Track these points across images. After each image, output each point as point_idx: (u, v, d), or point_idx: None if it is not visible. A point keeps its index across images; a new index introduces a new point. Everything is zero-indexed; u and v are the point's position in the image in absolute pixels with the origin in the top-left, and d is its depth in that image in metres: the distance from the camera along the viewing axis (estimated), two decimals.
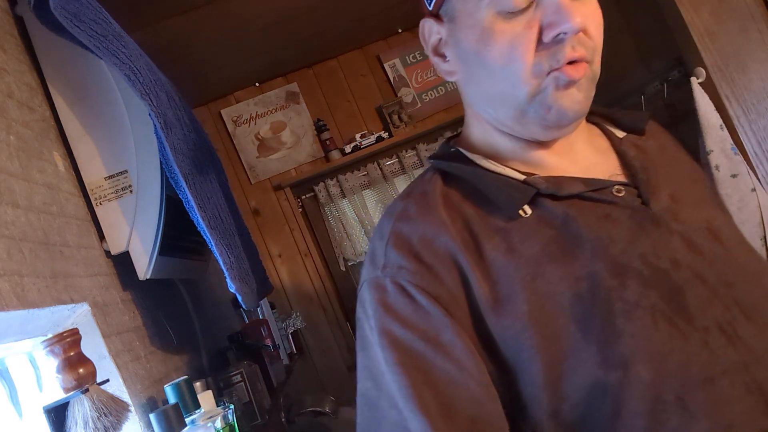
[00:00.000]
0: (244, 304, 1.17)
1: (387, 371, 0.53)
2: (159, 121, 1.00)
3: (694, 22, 1.75)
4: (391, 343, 0.53)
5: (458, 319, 0.53)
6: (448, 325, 0.53)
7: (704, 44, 1.75)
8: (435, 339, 0.53)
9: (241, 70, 2.47)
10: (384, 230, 0.60)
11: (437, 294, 0.54)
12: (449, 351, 0.52)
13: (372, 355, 0.55)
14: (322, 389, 2.58)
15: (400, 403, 0.51)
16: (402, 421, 0.51)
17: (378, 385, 0.54)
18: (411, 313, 0.54)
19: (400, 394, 0.51)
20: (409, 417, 0.50)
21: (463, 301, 0.54)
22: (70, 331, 0.79)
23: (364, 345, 0.57)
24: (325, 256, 2.71)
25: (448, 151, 0.68)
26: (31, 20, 1.03)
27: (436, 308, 0.53)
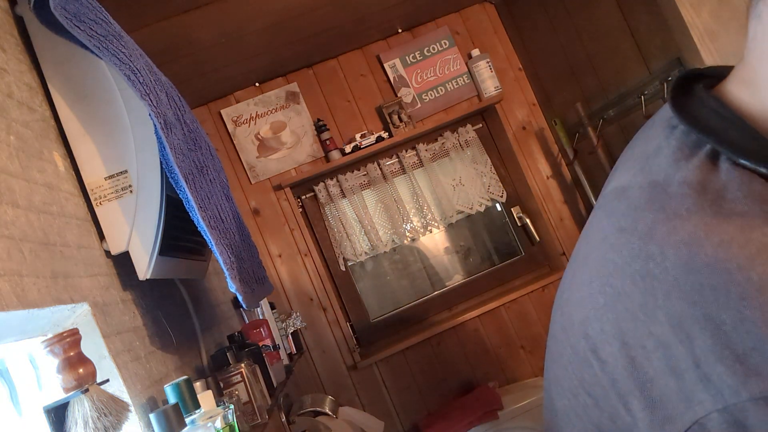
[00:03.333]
0: (244, 304, 1.17)
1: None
2: (159, 121, 1.00)
3: (694, 22, 1.75)
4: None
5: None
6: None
7: (704, 44, 1.75)
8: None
9: (241, 70, 2.47)
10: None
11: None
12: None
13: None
14: (322, 389, 2.58)
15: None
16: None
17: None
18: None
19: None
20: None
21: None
22: (70, 331, 0.79)
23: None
24: (325, 256, 2.71)
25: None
26: (31, 20, 1.03)
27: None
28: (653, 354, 0.49)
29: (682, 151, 0.54)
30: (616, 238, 0.54)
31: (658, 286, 0.49)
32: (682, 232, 0.49)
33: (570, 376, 0.60)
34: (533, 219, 2.80)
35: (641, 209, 0.54)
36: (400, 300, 2.79)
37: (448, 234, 2.88)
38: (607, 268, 0.54)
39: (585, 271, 0.59)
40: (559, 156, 2.77)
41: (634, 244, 0.52)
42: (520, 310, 2.71)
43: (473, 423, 2.26)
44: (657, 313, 0.48)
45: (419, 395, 2.62)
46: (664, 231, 0.50)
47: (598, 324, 0.54)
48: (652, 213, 0.52)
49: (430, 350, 2.64)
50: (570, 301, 0.61)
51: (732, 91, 0.55)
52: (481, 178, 2.78)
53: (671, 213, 0.51)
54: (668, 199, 0.52)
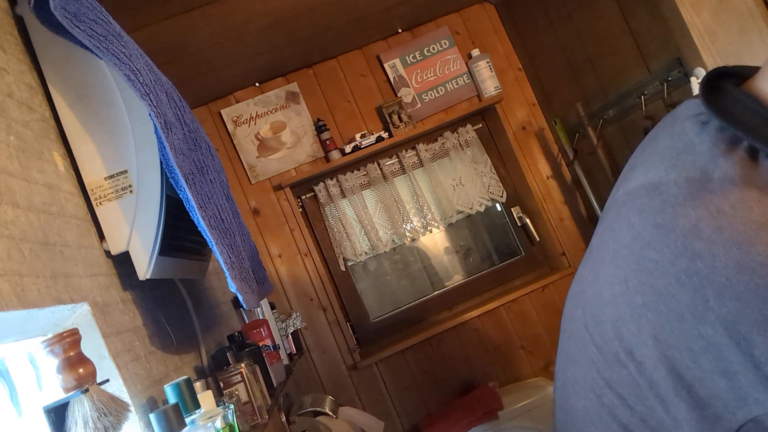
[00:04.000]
0: (245, 304, 1.17)
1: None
2: (159, 121, 1.00)
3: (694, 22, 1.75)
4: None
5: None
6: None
7: (704, 44, 1.75)
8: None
9: (241, 70, 2.47)
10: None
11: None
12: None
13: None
14: (322, 389, 2.58)
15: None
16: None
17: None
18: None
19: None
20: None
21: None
22: (70, 331, 0.79)
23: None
24: (325, 256, 2.71)
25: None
26: (31, 20, 1.03)
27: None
28: (702, 356, 0.47)
29: (718, 146, 0.53)
30: (653, 235, 0.52)
31: (709, 286, 0.47)
32: (730, 230, 0.47)
33: (594, 376, 0.59)
34: (533, 219, 2.80)
35: (680, 205, 0.52)
36: (400, 300, 2.79)
37: (448, 234, 2.88)
38: (645, 267, 0.52)
39: (614, 268, 0.56)
40: (559, 156, 2.77)
41: (677, 241, 0.50)
42: (520, 310, 2.71)
43: (473, 423, 2.26)
44: (707, 315, 0.47)
45: (419, 395, 2.62)
46: (710, 229, 0.48)
47: (634, 324, 0.53)
48: (693, 210, 0.50)
49: (430, 350, 2.64)
50: (597, 300, 0.59)
51: (763, 87, 0.54)
52: (481, 178, 2.78)
53: (715, 210, 0.49)
54: (710, 195, 0.50)
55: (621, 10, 2.07)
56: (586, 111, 2.44)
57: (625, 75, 2.18)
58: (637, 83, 2.12)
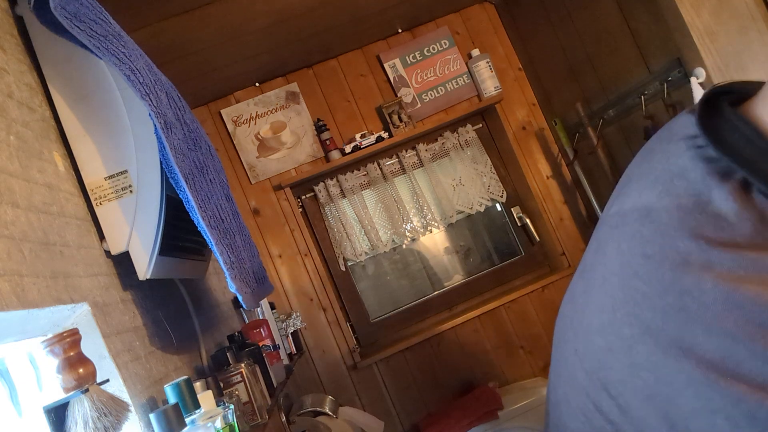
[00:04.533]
0: (244, 304, 1.17)
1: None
2: (159, 121, 1.00)
3: (694, 22, 1.75)
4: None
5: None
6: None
7: (704, 44, 1.75)
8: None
9: (241, 70, 2.47)
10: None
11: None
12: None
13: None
14: (322, 389, 2.58)
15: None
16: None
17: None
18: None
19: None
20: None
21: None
22: (70, 331, 0.79)
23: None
24: (325, 256, 2.71)
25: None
26: (31, 20, 1.03)
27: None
28: (686, 391, 0.47)
29: (712, 176, 0.51)
30: (642, 266, 0.51)
31: (696, 321, 0.47)
32: (719, 267, 0.47)
33: (584, 400, 0.58)
34: (533, 219, 2.80)
35: (670, 236, 0.51)
36: (400, 300, 2.79)
37: (448, 234, 2.88)
38: (633, 298, 0.51)
39: (604, 296, 0.56)
40: (559, 156, 2.77)
41: (665, 274, 0.49)
42: (520, 310, 2.71)
43: (473, 423, 2.26)
44: (695, 350, 0.46)
45: (419, 395, 2.62)
46: (699, 263, 0.48)
47: (624, 356, 0.52)
48: (682, 242, 0.50)
49: (430, 350, 2.64)
50: (587, 327, 0.58)
51: (760, 114, 0.53)
52: (481, 178, 2.78)
53: (705, 244, 0.48)
54: (700, 227, 0.49)
55: (621, 10, 2.07)
56: (586, 111, 2.44)
57: (625, 75, 2.18)
58: (637, 83, 2.12)
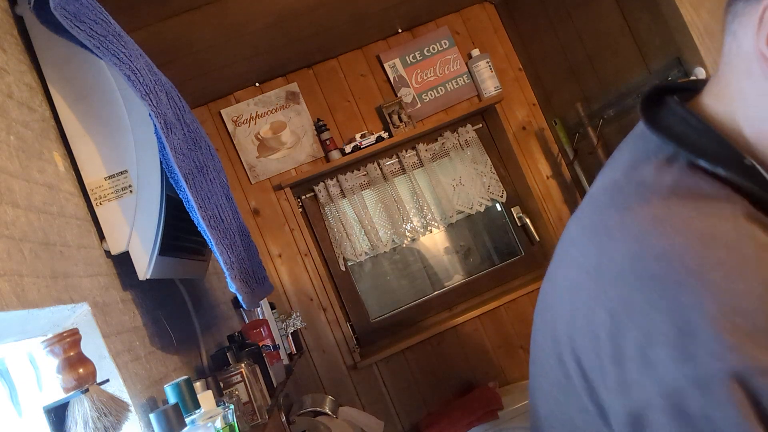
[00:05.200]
0: (244, 304, 1.17)
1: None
2: (159, 121, 1.00)
3: (694, 22, 1.75)
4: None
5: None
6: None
7: (704, 44, 1.75)
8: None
9: (241, 70, 2.47)
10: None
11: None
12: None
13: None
14: (322, 389, 2.58)
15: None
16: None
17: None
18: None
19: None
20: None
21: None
22: (70, 331, 0.79)
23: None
24: (325, 256, 2.71)
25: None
26: (31, 20, 1.03)
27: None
28: (605, 343, 0.50)
29: (645, 153, 0.57)
30: (579, 236, 0.58)
31: (606, 276, 0.51)
32: (630, 225, 0.51)
33: (551, 381, 0.61)
34: (533, 219, 2.80)
35: (601, 207, 0.57)
36: (400, 300, 2.79)
37: (448, 234, 2.88)
38: (569, 264, 0.57)
39: (556, 274, 0.60)
40: (559, 156, 2.77)
41: (592, 239, 0.55)
42: (520, 310, 2.71)
43: (473, 423, 2.26)
44: (605, 303, 0.50)
45: (419, 395, 2.62)
46: (615, 225, 0.53)
47: (565, 320, 0.56)
48: (608, 210, 0.55)
49: (430, 350, 2.64)
50: (542, 305, 0.63)
51: (706, 103, 0.58)
52: (481, 178, 2.78)
53: (622, 207, 0.53)
54: (622, 195, 0.55)
55: (621, 10, 2.07)
56: (586, 111, 2.44)
57: (625, 75, 2.18)
58: (637, 83, 2.12)
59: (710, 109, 0.57)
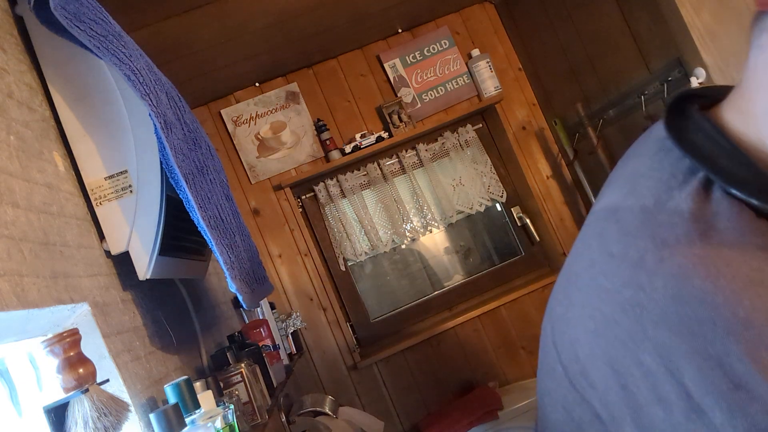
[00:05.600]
0: (244, 304, 1.17)
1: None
2: (159, 121, 1.00)
3: (694, 22, 1.75)
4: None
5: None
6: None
7: (704, 44, 1.75)
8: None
9: (241, 70, 2.47)
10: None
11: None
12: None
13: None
14: (322, 389, 2.58)
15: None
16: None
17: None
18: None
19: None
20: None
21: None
22: (70, 331, 0.79)
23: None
24: (325, 256, 2.71)
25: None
26: (31, 20, 1.03)
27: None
28: (641, 382, 0.49)
29: (675, 177, 0.54)
30: (607, 264, 0.54)
31: (647, 316, 0.48)
32: (670, 263, 0.49)
33: (563, 393, 0.60)
34: (533, 219, 2.80)
35: (632, 236, 0.53)
36: (400, 300, 2.79)
37: (448, 234, 2.88)
38: (598, 295, 0.54)
39: (575, 292, 0.58)
40: (559, 156, 2.77)
41: (624, 272, 0.52)
42: (520, 310, 2.71)
43: (473, 423, 2.26)
44: (646, 344, 0.48)
45: (419, 395, 2.62)
46: (653, 260, 0.50)
47: (588, 348, 0.54)
48: (642, 241, 0.52)
49: (430, 350, 2.64)
50: (561, 319, 0.61)
51: (728, 117, 0.55)
52: (481, 178, 2.78)
53: (660, 242, 0.50)
54: (658, 227, 0.51)
55: (621, 10, 2.07)
56: (586, 111, 2.44)
57: (625, 75, 2.18)
58: (637, 83, 2.12)
59: (735, 127, 0.54)
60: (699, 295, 0.46)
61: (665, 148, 0.56)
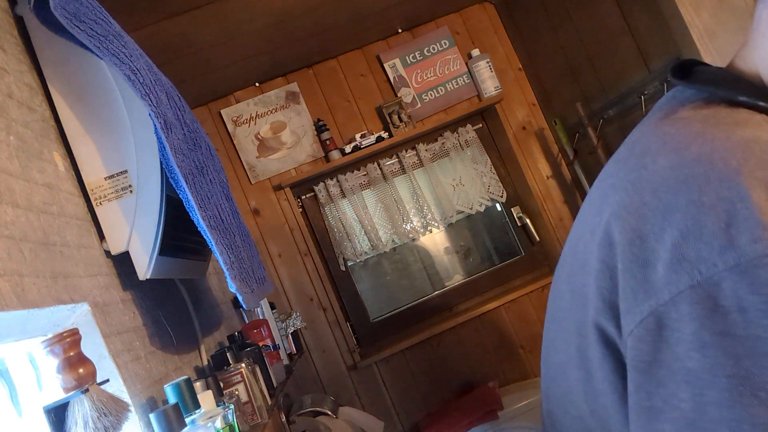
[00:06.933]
0: (244, 304, 1.17)
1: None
2: (159, 121, 1.00)
3: (694, 22, 1.75)
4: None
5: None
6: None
7: (704, 44, 1.75)
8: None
9: (241, 70, 2.47)
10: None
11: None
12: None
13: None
14: (322, 389, 2.58)
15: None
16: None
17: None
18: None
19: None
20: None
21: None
22: (70, 331, 0.79)
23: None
24: (325, 256, 2.71)
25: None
26: (31, 20, 1.03)
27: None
28: (629, 247, 0.50)
29: (677, 104, 0.59)
30: (614, 165, 0.58)
31: (647, 186, 0.51)
32: (672, 142, 0.52)
33: (568, 323, 0.61)
34: (533, 219, 2.80)
35: (635, 142, 0.58)
36: (400, 300, 2.79)
37: (448, 234, 2.88)
38: (605, 192, 0.57)
39: (583, 210, 0.62)
40: (559, 156, 2.77)
41: (630, 161, 0.55)
42: (520, 310, 2.71)
43: (473, 423, 2.26)
44: (642, 210, 0.50)
45: (419, 395, 2.62)
46: (656, 144, 0.54)
47: (590, 239, 0.57)
48: (647, 138, 0.56)
49: (430, 350, 2.64)
50: (570, 240, 0.64)
51: (734, 64, 0.59)
52: (481, 178, 2.78)
53: (662, 132, 0.55)
54: (662, 126, 0.56)
55: (621, 10, 2.07)
56: (586, 111, 2.44)
57: (625, 75, 2.18)
58: (637, 83, 2.12)
59: (738, 68, 0.58)
60: (695, 156, 0.49)
61: (668, 98, 0.61)
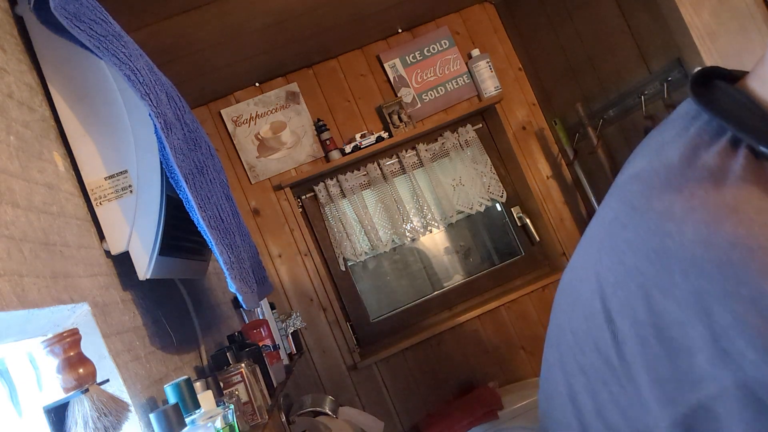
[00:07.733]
0: (244, 304, 1.17)
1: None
2: (159, 122, 1.00)
3: (694, 22, 1.75)
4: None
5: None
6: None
7: (704, 44, 1.75)
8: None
9: (241, 70, 2.47)
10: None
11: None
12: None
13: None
14: (322, 389, 2.58)
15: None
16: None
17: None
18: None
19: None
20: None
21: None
22: (70, 331, 0.79)
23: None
24: (325, 256, 2.71)
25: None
26: (31, 20, 1.03)
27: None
28: (665, 332, 0.48)
29: (701, 137, 0.54)
30: (629, 217, 0.54)
31: (675, 263, 0.48)
32: (701, 211, 0.49)
33: (570, 362, 0.60)
34: (533, 219, 2.80)
35: (657, 189, 0.53)
36: (400, 300, 2.79)
37: (448, 234, 2.88)
38: (620, 247, 0.54)
39: (594, 251, 0.58)
40: (559, 156, 2.77)
41: (650, 222, 0.51)
42: (520, 310, 2.71)
43: (473, 423, 2.26)
44: (673, 291, 0.48)
45: (419, 395, 2.62)
46: (682, 210, 0.50)
47: (612, 299, 0.54)
48: (668, 194, 0.52)
49: (430, 350, 2.64)
50: (575, 282, 0.61)
51: (752, 86, 0.56)
52: (481, 178, 2.78)
53: (689, 194, 0.50)
54: (686, 181, 0.52)
55: (621, 10, 2.07)
56: (586, 111, 2.44)
57: (625, 75, 2.18)
58: (637, 83, 2.12)
59: (761, 94, 0.55)
60: (731, 240, 0.46)
61: (691, 116, 0.57)
